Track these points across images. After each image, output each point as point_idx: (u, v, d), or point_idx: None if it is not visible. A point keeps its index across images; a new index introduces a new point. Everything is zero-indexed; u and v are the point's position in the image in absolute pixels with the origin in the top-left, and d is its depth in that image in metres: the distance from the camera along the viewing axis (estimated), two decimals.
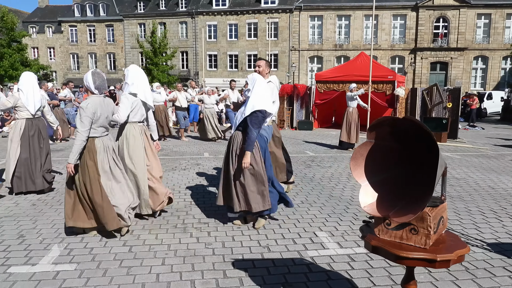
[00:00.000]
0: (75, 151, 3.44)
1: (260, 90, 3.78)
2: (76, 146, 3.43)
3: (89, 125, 3.46)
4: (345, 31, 35.39)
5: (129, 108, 3.99)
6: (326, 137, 12.34)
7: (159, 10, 38.98)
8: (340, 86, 13.82)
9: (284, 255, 3.32)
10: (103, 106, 3.60)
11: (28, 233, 3.73)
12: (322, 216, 4.37)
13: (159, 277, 2.88)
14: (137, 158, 4.02)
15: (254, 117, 3.68)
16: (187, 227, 3.95)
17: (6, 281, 2.80)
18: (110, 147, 3.70)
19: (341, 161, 7.95)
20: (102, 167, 3.57)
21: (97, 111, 3.50)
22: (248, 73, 33.54)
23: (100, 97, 3.65)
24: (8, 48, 30.68)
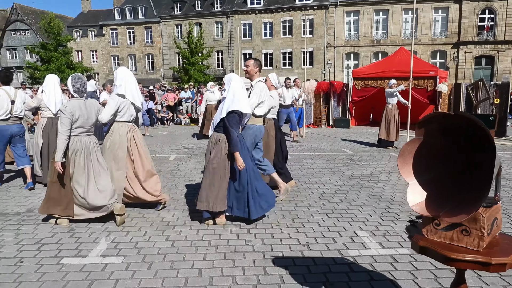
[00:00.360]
0: (59, 149, 3.75)
1: (235, 90, 3.80)
2: (59, 145, 3.75)
3: (69, 125, 3.78)
4: (383, 26, 34.42)
5: (113, 109, 4.14)
6: (364, 135, 12.08)
7: (195, 11, 39.67)
8: (378, 83, 13.47)
9: (325, 253, 3.29)
10: (82, 109, 3.89)
11: (78, 227, 3.93)
12: (362, 215, 4.29)
13: (201, 272, 2.94)
14: (119, 155, 4.21)
15: (231, 117, 3.72)
16: (226, 224, 4.00)
17: (60, 271, 2.97)
18: (90, 145, 3.96)
19: (380, 160, 7.76)
20: (79, 163, 3.86)
21: (75, 113, 3.81)
22: (283, 71, 33.40)
23: (80, 100, 3.95)
24: (55, 52, 32.38)
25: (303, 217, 4.24)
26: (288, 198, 4.95)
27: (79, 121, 3.85)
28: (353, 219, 4.17)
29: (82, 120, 3.88)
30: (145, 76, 42.20)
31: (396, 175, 6.32)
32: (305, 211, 4.43)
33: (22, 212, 4.45)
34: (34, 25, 44.40)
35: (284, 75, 35.96)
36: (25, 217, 4.26)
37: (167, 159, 7.91)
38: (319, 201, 4.86)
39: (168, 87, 19.46)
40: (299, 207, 4.61)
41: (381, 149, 9.13)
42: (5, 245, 3.49)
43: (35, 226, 3.97)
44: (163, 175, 6.34)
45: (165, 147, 9.52)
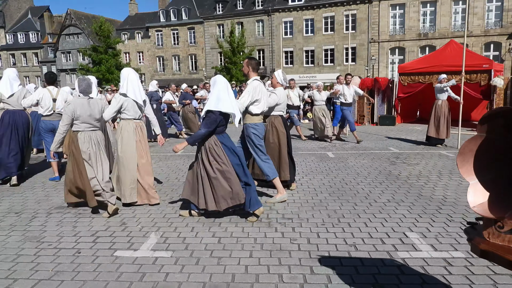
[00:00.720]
0: (55, 141, 4.38)
1: (217, 91, 3.93)
2: (56, 137, 4.36)
3: (67, 121, 4.27)
4: (430, 18, 32.87)
5: (115, 108, 4.47)
6: (411, 133, 11.63)
7: (237, 10, 40.04)
8: (426, 78, 12.89)
9: (373, 254, 3.20)
10: (85, 107, 4.33)
11: (129, 221, 4.10)
12: (412, 216, 4.12)
13: (248, 269, 2.97)
14: (127, 151, 4.52)
15: (207, 118, 3.89)
16: (271, 222, 4.01)
17: (114, 263, 3.11)
18: (94, 139, 4.40)
19: (430, 158, 7.43)
20: (84, 154, 4.30)
21: (76, 111, 4.26)
22: (324, 68, 32.86)
23: (84, 99, 4.40)
24: (105, 54, 34.02)
25: (349, 216, 4.15)
26: (333, 197, 4.88)
27: (81, 117, 4.30)
28: (402, 219, 4.03)
29: (85, 117, 4.32)
30: (188, 76, 43.23)
31: (447, 175, 6.02)
32: (351, 211, 4.34)
33: (78, 205, 4.71)
34: (86, 29, 46.89)
35: (325, 73, 35.57)
36: (81, 211, 4.51)
37: None
38: (365, 200, 4.74)
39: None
40: (344, 206, 4.52)
41: (430, 147, 8.75)
42: (64, 236, 3.72)
43: (90, 220, 4.19)
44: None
45: None
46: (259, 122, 4.65)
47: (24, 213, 4.46)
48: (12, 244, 3.55)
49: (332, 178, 5.94)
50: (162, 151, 8.86)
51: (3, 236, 3.75)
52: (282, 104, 5.17)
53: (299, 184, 5.58)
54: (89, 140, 4.35)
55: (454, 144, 8.92)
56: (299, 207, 4.51)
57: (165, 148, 9.37)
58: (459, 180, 5.68)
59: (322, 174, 6.23)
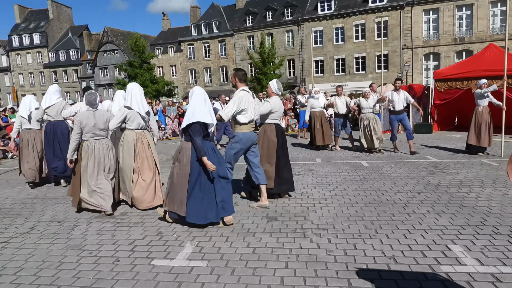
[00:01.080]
0: (69, 148, 4.83)
1: (194, 103, 4.13)
2: (70, 146, 4.83)
3: (77, 130, 4.79)
4: (467, 22, 31.84)
5: (119, 119, 4.93)
6: (449, 141, 11.20)
7: (266, 21, 40.46)
8: (464, 84, 12.41)
9: (414, 268, 3.07)
10: (90, 118, 4.84)
11: (165, 231, 4.17)
12: (454, 228, 3.94)
13: (284, 280, 2.93)
14: (126, 158, 4.97)
15: (192, 127, 4.05)
16: (306, 233, 3.95)
17: (151, 272, 3.17)
18: (97, 148, 4.89)
19: (471, 167, 7.11)
20: (87, 162, 4.82)
21: (83, 122, 4.79)
22: (356, 77, 32.51)
23: (90, 110, 4.92)
24: (140, 69, 35.21)
25: (387, 228, 4.02)
26: (369, 208, 4.76)
27: (86, 127, 4.82)
28: (443, 231, 3.86)
29: (89, 127, 4.83)
30: (219, 87, 43.91)
31: (491, 184, 5.73)
32: (389, 222, 4.21)
33: (117, 215, 4.85)
34: (122, 45, 48.85)
35: (357, 81, 35.11)
36: (119, 220, 4.63)
37: (244, 167, 8.06)
38: (403, 211, 4.58)
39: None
40: (381, 217, 4.39)
41: (471, 156, 8.37)
42: (103, 244, 3.83)
43: (128, 228, 4.29)
44: (242, 182, 6.48)
45: None
46: (248, 132, 4.78)
47: (66, 222, 4.64)
48: (55, 251, 3.70)
49: (368, 188, 5.80)
50: None
51: (47, 244, 3.91)
52: (277, 113, 5.27)
53: (334, 194, 5.49)
54: (91, 151, 4.87)
55: (497, 152, 8.49)
56: (334, 217, 4.43)
57: None
58: (505, 190, 5.39)
59: (357, 184, 6.10)
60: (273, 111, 5.20)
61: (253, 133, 4.86)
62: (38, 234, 4.22)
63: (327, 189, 5.82)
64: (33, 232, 4.30)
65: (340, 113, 10.02)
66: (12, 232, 4.33)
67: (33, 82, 55.78)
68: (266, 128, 5.25)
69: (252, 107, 4.78)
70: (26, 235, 4.21)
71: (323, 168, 7.62)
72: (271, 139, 5.20)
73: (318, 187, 6.01)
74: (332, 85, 35.65)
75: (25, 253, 3.68)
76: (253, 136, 4.86)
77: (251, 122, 4.83)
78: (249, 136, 4.79)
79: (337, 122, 10.11)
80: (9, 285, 3.04)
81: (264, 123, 5.29)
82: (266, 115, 5.21)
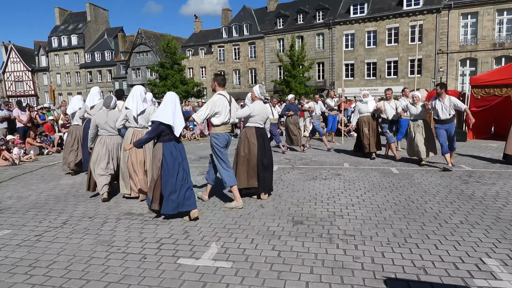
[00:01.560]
0: (88, 140, 5.98)
1: (162, 105, 4.54)
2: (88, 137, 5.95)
3: (93, 127, 5.81)
4: (508, 27, 30.51)
5: (121, 118, 5.59)
6: (485, 150, 10.74)
7: (297, 24, 40.33)
8: (503, 91, 11.87)
9: (445, 280, 2.95)
10: (103, 117, 5.77)
11: (191, 230, 4.21)
12: (489, 241, 3.76)
13: (309, 285, 2.89)
14: (123, 152, 5.51)
15: (152, 125, 4.54)
16: (332, 238, 3.88)
17: (177, 270, 3.20)
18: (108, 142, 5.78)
19: (508, 178, 6.78)
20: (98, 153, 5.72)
21: (97, 120, 5.78)
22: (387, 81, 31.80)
23: (105, 111, 5.86)
24: (171, 70, 35.93)
25: (417, 237, 3.89)
26: (398, 215, 4.63)
27: (100, 125, 5.76)
28: (477, 244, 3.69)
29: (102, 124, 5.75)
30: (248, 89, 44.07)
31: None
32: (419, 231, 4.07)
33: (145, 213, 4.95)
34: (154, 47, 50.05)
35: (388, 85, 34.32)
36: (147, 218, 4.72)
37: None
38: (435, 220, 4.42)
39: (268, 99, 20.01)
40: (411, 225, 4.26)
41: (508, 166, 7.99)
42: (131, 241, 3.91)
43: (155, 226, 4.37)
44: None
45: None
46: (221, 132, 5.11)
47: (96, 218, 4.78)
48: (85, 246, 3.81)
49: (397, 195, 5.65)
50: None
51: (78, 239, 4.03)
52: (258, 116, 5.47)
53: (361, 200, 5.38)
54: (103, 142, 5.76)
55: None
56: (361, 224, 4.33)
57: None
58: None
59: (386, 191, 5.95)
60: (252, 115, 5.45)
61: (227, 134, 5.20)
62: (70, 229, 4.37)
63: (354, 195, 5.71)
64: (65, 227, 4.45)
65: (389, 119, 9.29)
66: (46, 226, 4.51)
67: (69, 82, 58.05)
68: (247, 131, 5.53)
69: (226, 110, 5.10)
70: (58, 229, 4.36)
71: (351, 173, 7.48)
72: (251, 141, 5.45)
73: (345, 192, 5.91)
74: (362, 89, 35.09)
75: (57, 247, 3.81)
76: (228, 137, 5.22)
77: (225, 124, 5.16)
78: (221, 137, 5.14)
79: (385, 129, 9.30)
80: (41, 277, 3.15)
81: (245, 126, 5.57)
82: (247, 119, 5.50)
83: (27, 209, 5.28)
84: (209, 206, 5.22)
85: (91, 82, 56.34)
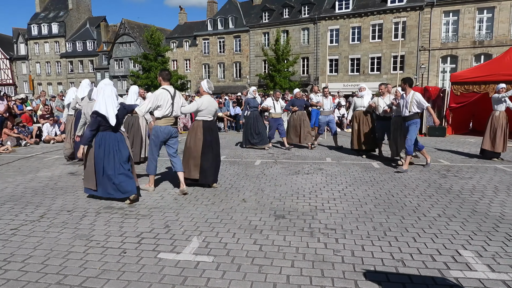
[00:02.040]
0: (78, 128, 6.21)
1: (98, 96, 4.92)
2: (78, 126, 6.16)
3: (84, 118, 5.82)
4: (487, 25, 31.17)
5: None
6: (463, 145, 11.00)
7: (283, 18, 40.26)
8: (482, 88, 12.17)
9: (422, 272, 3.02)
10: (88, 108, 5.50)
11: (172, 224, 4.18)
12: (465, 233, 3.86)
13: (290, 279, 2.90)
14: None
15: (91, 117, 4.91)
16: (313, 232, 3.91)
17: (157, 265, 3.17)
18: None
19: (484, 172, 6.96)
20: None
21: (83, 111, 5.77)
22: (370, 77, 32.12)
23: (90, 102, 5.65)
24: (155, 62, 35.41)
25: (396, 230, 3.96)
26: (378, 209, 4.70)
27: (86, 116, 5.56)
28: (454, 236, 3.78)
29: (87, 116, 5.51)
30: (232, 83, 43.96)
31: (505, 191, 5.60)
32: (398, 224, 4.14)
33: (125, 206, 4.88)
34: (138, 37, 49.19)
35: (371, 81, 34.71)
36: (127, 211, 4.66)
37: (253, 163, 8.07)
38: (414, 214, 4.51)
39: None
40: (391, 219, 4.32)
41: (485, 161, 8.21)
42: (111, 236, 3.85)
43: (136, 221, 4.31)
44: (249, 179, 6.47)
45: (250, 152, 9.74)
46: (163, 126, 5.42)
47: (75, 212, 4.69)
48: (63, 241, 3.73)
49: (378, 189, 5.73)
50: None
51: (55, 233, 3.95)
52: (206, 110, 5.72)
53: (343, 194, 5.44)
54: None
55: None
56: (342, 217, 4.38)
57: None
58: None
59: (367, 185, 6.03)
60: (200, 109, 5.69)
61: (170, 127, 5.48)
62: (47, 223, 4.27)
63: (336, 189, 5.76)
64: (43, 221, 4.35)
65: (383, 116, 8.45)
66: (22, 220, 4.40)
67: (49, 71, 56.62)
68: (195, 124, 5.84)
69: (168, 104, 5.36)
70: (35, 223, 4.26)
71: (333, 167, 7.55)
72: (197, 134, 5.75)
73: (327, 186, 5.96)
74: (346, 85, 35.42)
75: (34, 241, 3.72)
76: (169, 129, 5.48)
77: (167, 117, 5.43)
78: (164, 129, 5.43)
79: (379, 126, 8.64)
80: (17, 272, 3.07)
81: (195, 120, 5.88)
82: (196, 113, 5.77)
83: (3, 202, 5.14)
84: (191, 200, 5.18)
85: (72, 72, 55.12)
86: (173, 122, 5.54)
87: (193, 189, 5.75)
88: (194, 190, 5.70)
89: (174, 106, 5.44)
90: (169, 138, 5.52)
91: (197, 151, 5.74)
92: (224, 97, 17.25)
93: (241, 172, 7.13)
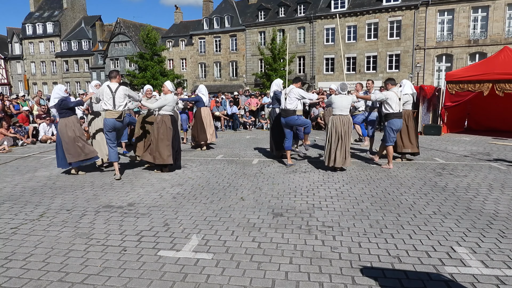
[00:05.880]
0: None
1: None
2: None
3: None
4: (482, 24, 31.36)
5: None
6: (458, 143, 11.10)
7: (279, 17, 40.28)
8: (476, 86, 12.26)
9: (418, 268, 3.08)
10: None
11: (172, 222, 4.22)
12: (460, 230, 3.93)
13: (288, 275, 2.96)
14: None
15: None
16: (311, 229, 3.97)
17: (158, 262, 3.22)
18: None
19: (479, 170, 7.05)
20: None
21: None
22: (366, 76, 32.16)
23: None
24: (151, 61, 35.31)
25: (392, 227, 4.03)
26: (375, 207, 4.76)
27: None
28: (449, 233, 3.85)
29: None
30: (229, 82, 43.95)
31: (499, 188, 5.69)
32: (394, 222, 4.21)
33: (124, 205, 4.92)
34: (133, 37, 49.02)
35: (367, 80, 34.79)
36: (126, 210, 4.70)
37: (250, 162, 8.12)
38: (410, 211, 4.58)
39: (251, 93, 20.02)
40: (387, 217, 4.39)
41: (480, 159, 8.30)
42: (111, 234, 3.89)
43: (135, 219, 4.36)
44: (247, 178, 6.52)
45: (248, 151, 9.78)
46: (108, 118, 6.39)
47: (74, 211, 4.72)
48: (64, 239, 3.77)
49: (374, 187, 5.80)
50: (202, 156, 9.05)
51: (55, 232, 3.98)
52: (167, 107, 6.89)
53: (340, 192, 5.50)
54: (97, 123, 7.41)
55: (507, 156, 8.41)
56: (339, 215, 4.44)
57: (205, 152, 9.57)
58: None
59: (363, 183, 6.10)
60: (162, 105, 6.87)
61: (114, 120, 6.40)
62: (47, 222, 4.30)
63: (333, 187, 5.83)
64: (42, 220, 4.38)
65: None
66: (22, 219, 4.42)
67: (44, 71, 56.31)
68: (164, 117, 6.90)
69: (107, 98, 6.35)
70: (35, 222, 4.29)
71: None
72: (167, 126, 6.85)
73: (324, 184, 6.02)
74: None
75: (34, 240, 3.76)
76: (113, 122, 6.41)
77: (109, 111, 6.38)
78: (108, 121, 6.42)
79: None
80: (18, 270, 3.11)
81: (161, 114, 6.91)
82: (161, 108, 6.88)
83: (2, 201, 5.16)
84: (189, 199, 5.23)
85: (68, 71, 54.88)
86: (117, 116, 6.42)
87: (191, 188, 5.80)
88: (193, 189, 5.75)
89: (116, 101, 6.39)
90: (114, 128, 6.52)
91: (168, 139, 6.83)
92: (221, 96, 17.26)
93: (239, 170, 7.18)
